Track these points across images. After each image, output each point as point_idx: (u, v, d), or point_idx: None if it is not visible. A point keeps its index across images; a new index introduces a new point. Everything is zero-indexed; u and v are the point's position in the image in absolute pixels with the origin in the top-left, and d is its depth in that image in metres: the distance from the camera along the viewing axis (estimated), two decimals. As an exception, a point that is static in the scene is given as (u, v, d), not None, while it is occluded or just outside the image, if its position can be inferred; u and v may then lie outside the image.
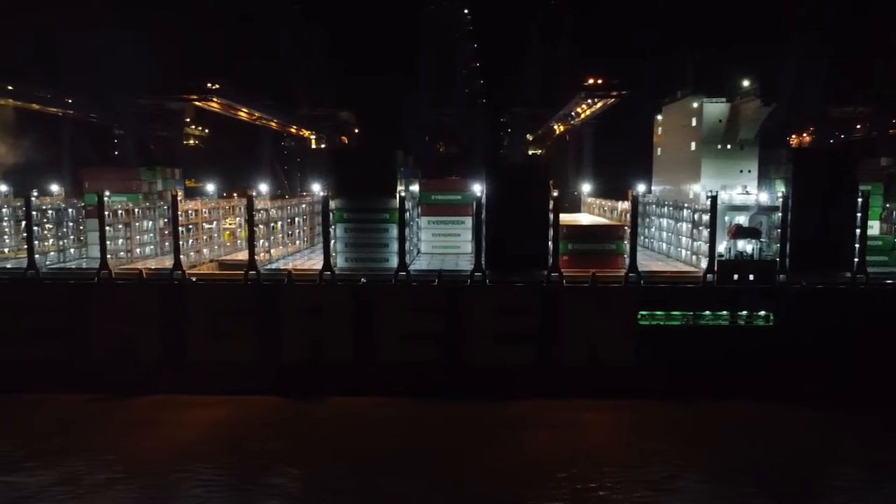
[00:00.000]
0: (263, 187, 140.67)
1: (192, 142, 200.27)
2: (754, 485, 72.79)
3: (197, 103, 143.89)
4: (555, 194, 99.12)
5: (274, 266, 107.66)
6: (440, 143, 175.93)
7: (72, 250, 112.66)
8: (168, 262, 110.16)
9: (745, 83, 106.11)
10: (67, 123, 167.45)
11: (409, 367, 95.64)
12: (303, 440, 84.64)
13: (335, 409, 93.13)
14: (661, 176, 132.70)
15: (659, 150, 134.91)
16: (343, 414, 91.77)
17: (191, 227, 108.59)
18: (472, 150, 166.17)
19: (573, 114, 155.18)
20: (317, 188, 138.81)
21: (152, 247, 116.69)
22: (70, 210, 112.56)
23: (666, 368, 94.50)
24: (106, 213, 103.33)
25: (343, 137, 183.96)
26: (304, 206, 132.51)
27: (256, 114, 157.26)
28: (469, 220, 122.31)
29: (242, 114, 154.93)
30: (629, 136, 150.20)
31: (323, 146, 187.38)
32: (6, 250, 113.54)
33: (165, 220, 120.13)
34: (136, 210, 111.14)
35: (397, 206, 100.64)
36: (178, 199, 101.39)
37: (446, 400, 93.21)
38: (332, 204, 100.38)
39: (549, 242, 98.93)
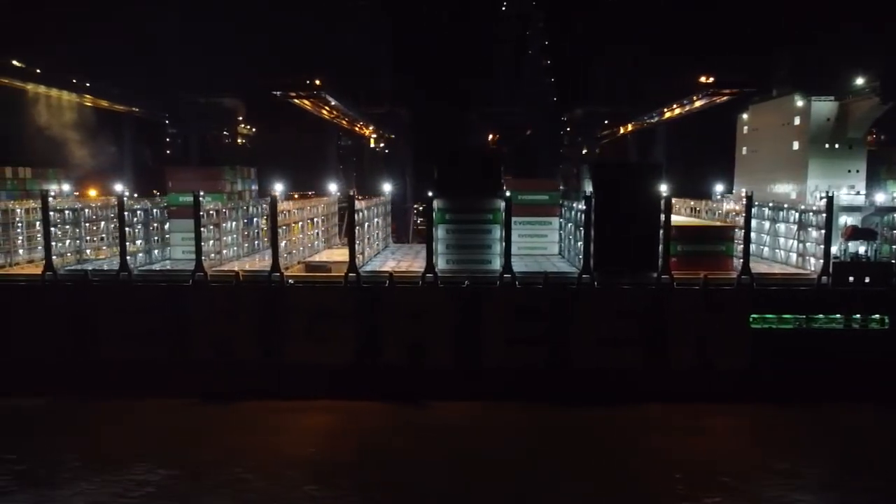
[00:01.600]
0: (333, 187, 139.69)
1: (240, 140, 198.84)
2: None
3: (295, 100, 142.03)
4: (664, 194, 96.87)
5: (370, 268, 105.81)
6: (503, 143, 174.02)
7: (156, 251, 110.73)
8: (258, 264, 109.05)
9: (859, 81, 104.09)
10: (131, 122, 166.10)
11: (513, 371, 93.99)
12: (432, 446, 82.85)
13: (444, 414, 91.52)
14: (747, 176, 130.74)
15: (744, 149, 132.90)
16: (456, 419, 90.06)
17: (283, 228, 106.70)
18: (540, 149, 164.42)
19: (657, 113, 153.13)
20: (388, 188, 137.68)
21: (236, 248, 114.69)
22: (155, 211, 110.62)
23: (777, 372, 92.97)
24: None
25: (395, 136, 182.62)
26: (383, 206, 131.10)
27: (336, 112, 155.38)
28: (556, 221, 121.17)
29: (325, 112, 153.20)
30: (705, 136, 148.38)
31: (382, 145, 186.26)
32: (88, 251, 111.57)
33: (245, 220, 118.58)
34: (225, 211, 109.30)
35: (501, 206, 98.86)
36: (275, 199, 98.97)
37: (554, 404, 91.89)
38: (435, 204, 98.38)
39: (660, 244, 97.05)
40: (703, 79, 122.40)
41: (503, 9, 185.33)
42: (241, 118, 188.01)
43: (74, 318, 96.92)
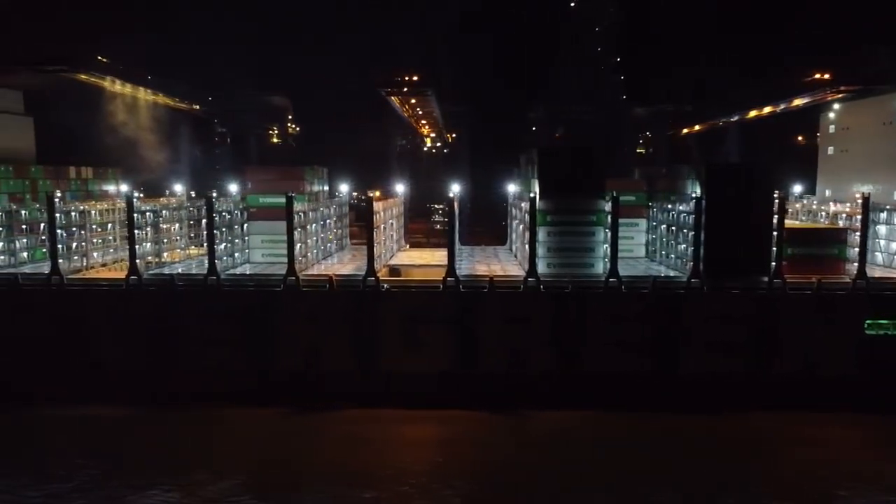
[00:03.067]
0: (400, 188, 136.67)
1: (275, 140, 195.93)
2: None
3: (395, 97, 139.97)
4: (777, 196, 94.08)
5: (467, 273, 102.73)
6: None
7: (237, 254, 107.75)
8: (346, 267, 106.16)
9: None
10: (188, 120, 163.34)
11: (617, 378, 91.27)
12: (553, 457, 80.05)
13: (551, 422, 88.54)
14: (832, 176, 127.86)
15: (830, 149, 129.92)
16: (565, 427, 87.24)
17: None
18: (612, 148, 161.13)
19: (739, 113, 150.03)
20: (457, 189, 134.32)
21: (315, 251, 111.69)
22: (237, 212, 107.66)
23: (891, 379, 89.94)
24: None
25: (449, 135, 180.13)
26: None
27: (420, 110, 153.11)
28: (643, 223, 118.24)
29: (407, 109, 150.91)
30: (778, 136, 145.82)
31: (439, 145, 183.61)
32: (165, 255, 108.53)
33: (323, 221, 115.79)
34: (310, 213, 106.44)
35: (606, 207, 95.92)
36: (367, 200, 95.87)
37: (661, 412, 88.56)
38: (538, 205, 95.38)
39: (772, 247, 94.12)
40: (817, 75, 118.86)
41: (572, 4, 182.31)
42: (290, 117, 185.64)
43: (159, 325, 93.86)
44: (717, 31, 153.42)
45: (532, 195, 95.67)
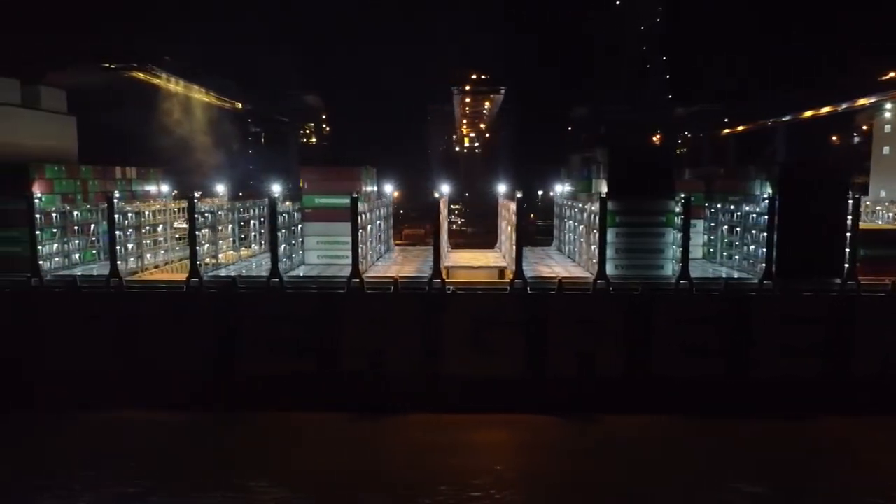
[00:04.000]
0: (445, 188, 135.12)
1: (310, 140, 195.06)
2: None
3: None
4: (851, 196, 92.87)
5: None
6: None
7: (293, 256, 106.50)
8: (408, 269, 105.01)
9: None
10: (231, 119, 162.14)
11: (687, 382, 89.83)
12: (628, 462, 79.15)
13: (621, 427, 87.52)
14: (887, 175, 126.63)
15: (885, 149, 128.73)
16: (635, 432, 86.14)
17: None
18: (659, 147, 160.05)
19: (792, 112, 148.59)
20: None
21: (372, 252, 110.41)
22: (294, 213, 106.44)
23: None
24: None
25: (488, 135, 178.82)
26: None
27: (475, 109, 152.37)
28: (700, 224, 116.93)
29: (467, 108, 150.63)
30: (815, 136, 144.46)
31: (478, 145, 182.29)
32: (220, 256, 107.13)
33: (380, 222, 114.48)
34: (367, 213, 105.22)
35: (675, 208, 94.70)
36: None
37: (732, 416, 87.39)
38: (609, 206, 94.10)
39: (845, 248, 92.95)
40: (892, 74, 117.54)
41: (617, 3, 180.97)
42: (324, 116, 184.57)
43: (221, 328, 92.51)
44: (765, 30, 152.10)
45: (601, 195, 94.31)
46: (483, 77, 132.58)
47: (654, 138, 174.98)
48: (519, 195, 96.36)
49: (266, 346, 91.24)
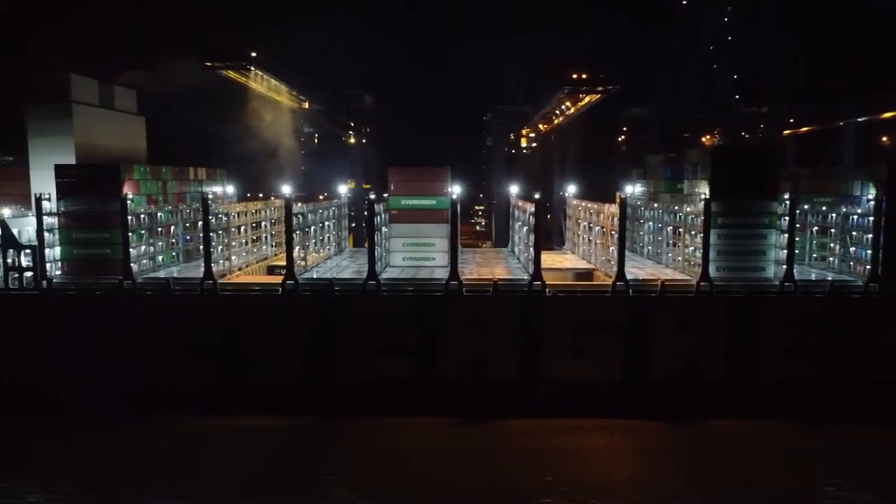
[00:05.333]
0: (514, 188, 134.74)
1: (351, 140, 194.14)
2: None
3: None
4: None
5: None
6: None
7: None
8: (502, 271, 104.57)
9: None
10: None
11: (791, 386, 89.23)
12: (738, 467, 78.27)
13: (727, 432, 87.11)
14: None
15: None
16: (740, 436, 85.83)
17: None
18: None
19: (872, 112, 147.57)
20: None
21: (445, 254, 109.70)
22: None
23: None
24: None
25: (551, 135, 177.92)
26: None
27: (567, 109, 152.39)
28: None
29: (563, 108, 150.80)
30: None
31: (534, 146, 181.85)
32: (308, 258, 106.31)
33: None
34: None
35: (777, 209, 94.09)
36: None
37: (835, 422, 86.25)
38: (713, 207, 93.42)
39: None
40: None
41: (683, 2, 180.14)
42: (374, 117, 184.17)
43: (318, 331, 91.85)
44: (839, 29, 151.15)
45: (704, 197, 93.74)
46: (599, 76, 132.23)
47: (705, 139, 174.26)
48: (623, 194, 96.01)
49: (364, 350, 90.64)
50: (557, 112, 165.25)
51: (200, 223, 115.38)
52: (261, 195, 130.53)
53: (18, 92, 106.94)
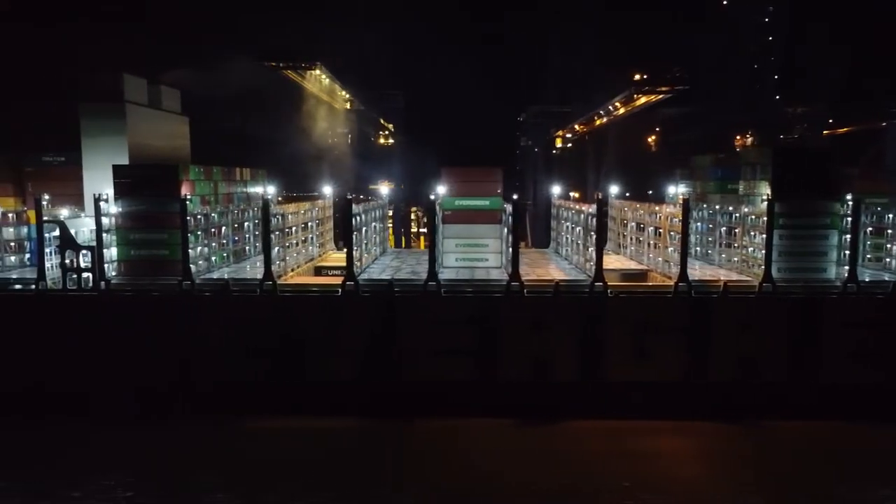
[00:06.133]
0: (557, 189, 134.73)
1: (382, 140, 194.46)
2: None
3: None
4: None
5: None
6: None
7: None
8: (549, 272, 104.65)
9: None
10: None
11: (856, 388, 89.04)
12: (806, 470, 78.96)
13: (789, 434, 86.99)
14: None
15: None
16: (804, 438, 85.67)
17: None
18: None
19: None
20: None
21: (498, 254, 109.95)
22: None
23: None
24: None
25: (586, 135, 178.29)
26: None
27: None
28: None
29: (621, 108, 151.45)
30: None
31: (569, 146, 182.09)
32: (365, 259, 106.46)
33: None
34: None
35: (839, 210, 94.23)
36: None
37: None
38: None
39: None
40: None
41: (724, 1, 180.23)
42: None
43: (376, 333, 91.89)
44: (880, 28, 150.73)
45: (765, 198, 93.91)
46: (664, 76, 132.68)
47: (740, 140, 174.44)
48: (679, 194, 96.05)
49: (424, 352, 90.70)
50: (602, 112, 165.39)
51: (246, 224, 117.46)
52: (295, 195, 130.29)
53: (70, 92, 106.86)
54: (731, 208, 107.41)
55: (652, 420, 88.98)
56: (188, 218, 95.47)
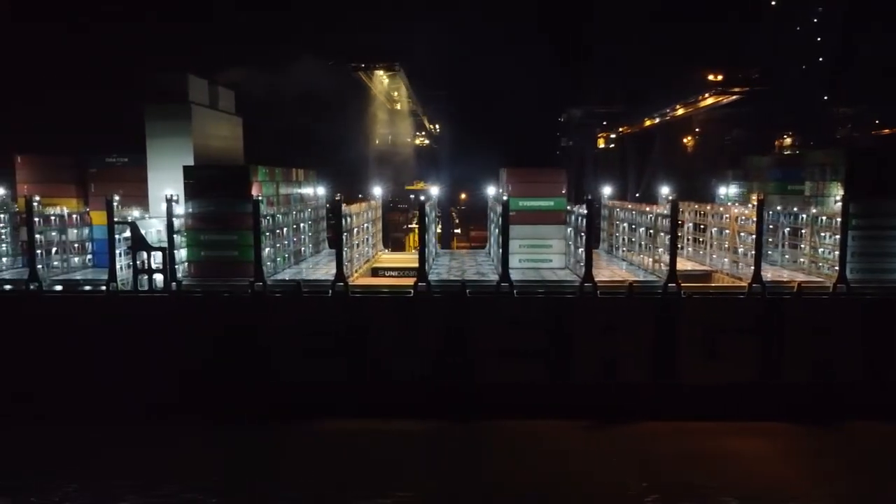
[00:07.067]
0: (608, 190, 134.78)
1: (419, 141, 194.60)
2: None
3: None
4: None
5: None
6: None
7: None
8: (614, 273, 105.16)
9: None
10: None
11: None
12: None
13: (859, 436, 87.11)
14: None
15: None
16: (871, 441, 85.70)
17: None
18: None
19: None
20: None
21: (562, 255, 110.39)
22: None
23: None
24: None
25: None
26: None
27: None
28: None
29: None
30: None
31: (612, 146, 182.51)
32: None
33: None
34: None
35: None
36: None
37: None
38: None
39: None
40: None
41: (772, 3, 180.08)
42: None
43: (448, 334, 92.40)
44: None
45: (838, 199, 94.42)
46: (738, 76, 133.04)
47: (780, 141, 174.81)
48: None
49: (496, 353, 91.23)
50: (659, 113, 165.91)
51: (302, 225, 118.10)
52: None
53: (135, 92, 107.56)
54: (795, 209, 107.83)
55: (726, 421, 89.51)
56: (263, 219, 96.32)
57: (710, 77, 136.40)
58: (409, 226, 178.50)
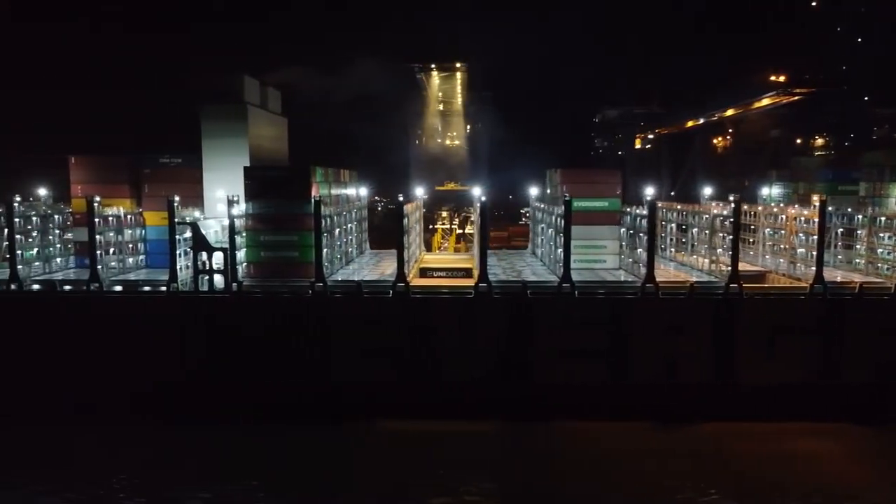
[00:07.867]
0: (651, 190, 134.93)
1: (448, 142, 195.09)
2: None
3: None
4: None
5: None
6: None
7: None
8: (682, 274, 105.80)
9: None
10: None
11: None
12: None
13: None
14: None
15: None
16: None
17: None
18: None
19: None
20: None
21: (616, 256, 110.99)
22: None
23: None
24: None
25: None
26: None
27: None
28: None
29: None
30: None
31: (648, 147, 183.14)
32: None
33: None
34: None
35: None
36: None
37: None
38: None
39: None
40: None
41: (813, 3, 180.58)
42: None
43: (508, 335, 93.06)
44: None
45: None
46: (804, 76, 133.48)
47: (815, 141, 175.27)
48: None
49: (557, 353, 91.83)
50: (705, 115, 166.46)
51: (350, 225, 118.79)
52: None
53: (190, 93, 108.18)
54: (849, 209, 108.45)
55: (787, 422, 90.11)
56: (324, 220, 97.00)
57: (773, 78, 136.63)
58: (434, 226, 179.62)
